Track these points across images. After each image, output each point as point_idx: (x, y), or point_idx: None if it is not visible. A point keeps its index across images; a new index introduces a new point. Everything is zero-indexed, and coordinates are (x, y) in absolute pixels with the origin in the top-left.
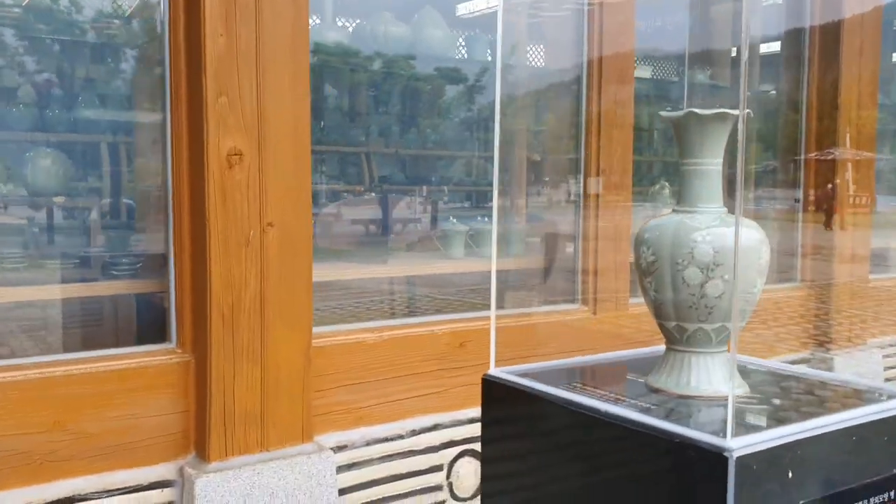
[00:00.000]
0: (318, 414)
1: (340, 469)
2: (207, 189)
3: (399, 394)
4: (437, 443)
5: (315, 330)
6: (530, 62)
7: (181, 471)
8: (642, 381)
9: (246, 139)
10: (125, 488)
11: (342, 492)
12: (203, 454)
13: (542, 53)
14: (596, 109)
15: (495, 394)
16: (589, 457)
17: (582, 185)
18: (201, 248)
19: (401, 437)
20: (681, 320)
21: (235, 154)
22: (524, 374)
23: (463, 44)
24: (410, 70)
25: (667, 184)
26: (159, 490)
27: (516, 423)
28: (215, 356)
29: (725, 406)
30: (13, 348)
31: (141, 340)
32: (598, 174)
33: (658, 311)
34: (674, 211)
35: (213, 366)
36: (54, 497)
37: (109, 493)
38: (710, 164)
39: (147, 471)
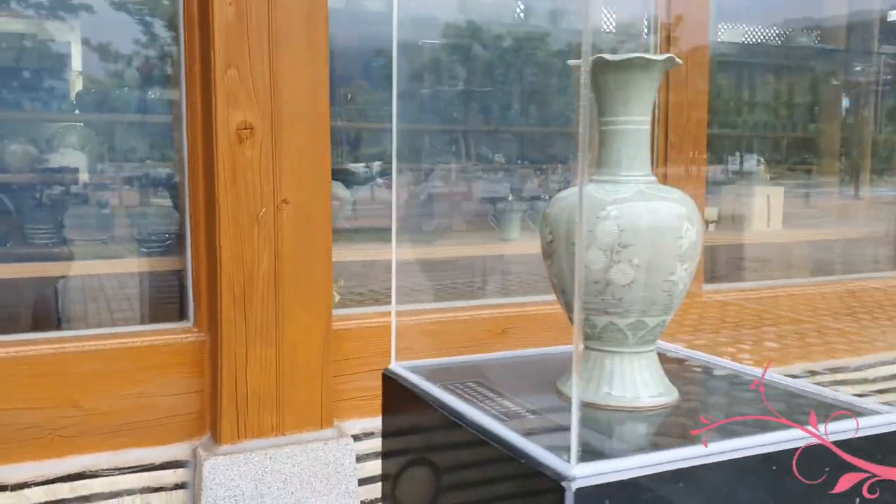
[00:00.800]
0: (343, 399)
1: (367, 457)
2: (217, 164)
3: None
4: None
5: (341, 312)
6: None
7: (195, 452)
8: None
9: (257, 113)
10: (137, 467)
11: (367, 481)
12: (217, 436)
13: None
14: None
15: (391, 395)
16: (458, 473)
17: (656, 161)
18: (214, 225)
19: None
20: (590, 312)
21: (246, 128)
22: (430, 371)
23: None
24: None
25: (761, 159)
26: (172, 470)
27: (408, 433)
28: (226, 336)
29: (639, 419)
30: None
31: (164, 318)
32: (665, 148)
33: (564, 302)
34: (591, 181)
35: (223, 346)
36: (64, 472)
37: (121, 470)
38: (631, 123)
39: (160, 450)
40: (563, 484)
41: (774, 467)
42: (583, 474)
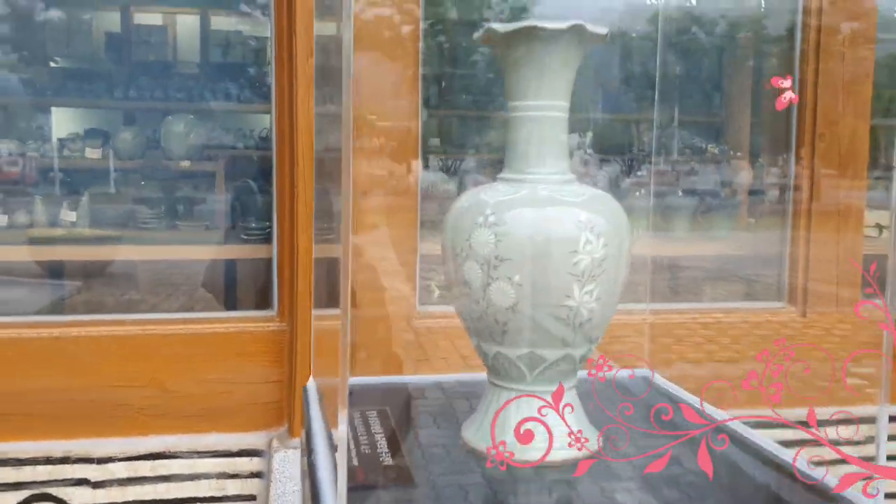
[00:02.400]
0: None
1: None
2: (295, 152)
3: None
4: None
5: (425, 309)
6: None
7: (270, 442)
8: None
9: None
10: (215, 451)
11: None
12: (291, 429)
13: None
14: (813, 52)
15: (305, 413)
16: None
17: (793, 154)
18: (294, 214)
19: None
20: (480, 338)
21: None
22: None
23: None
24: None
25: None
26: (248, 458)
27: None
28: (301, 328)
29: (522, 479)
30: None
31: (255, 306)
32: (813, 140)
33: (463, 322)
34: (497, 179)
35: (298, 338)
36: (146, 451)
37: (200, 454)
38: (540, 109)
39: (238, 437)
40: None
41: None
42: None
